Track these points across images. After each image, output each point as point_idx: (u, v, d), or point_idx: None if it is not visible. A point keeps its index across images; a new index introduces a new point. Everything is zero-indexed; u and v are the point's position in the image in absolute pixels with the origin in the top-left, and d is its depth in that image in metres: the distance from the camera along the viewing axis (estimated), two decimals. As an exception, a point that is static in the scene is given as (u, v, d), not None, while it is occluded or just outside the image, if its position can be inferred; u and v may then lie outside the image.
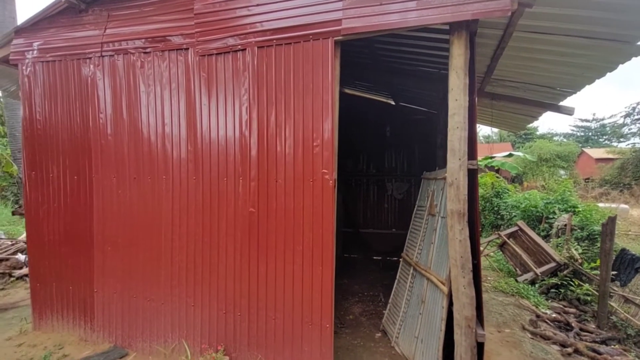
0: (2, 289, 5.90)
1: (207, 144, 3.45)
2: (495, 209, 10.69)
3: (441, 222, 3.39)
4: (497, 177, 11.53)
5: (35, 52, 3.94)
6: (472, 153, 2.88)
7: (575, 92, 4.61)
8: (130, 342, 3.66)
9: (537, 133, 46.98)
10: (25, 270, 6.60)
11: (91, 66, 3.73)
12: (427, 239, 3.70)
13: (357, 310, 5.04)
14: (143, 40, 3.54)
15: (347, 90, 8.17)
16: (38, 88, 3.95)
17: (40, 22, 3.92)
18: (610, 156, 32.82)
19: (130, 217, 3.67)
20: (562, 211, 7.80)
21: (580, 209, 7.37)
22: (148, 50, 3.53)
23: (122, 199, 3.70)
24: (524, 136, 45.57)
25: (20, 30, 4.00)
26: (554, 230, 7.43)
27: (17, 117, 7.60)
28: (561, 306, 5.68)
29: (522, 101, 5.08)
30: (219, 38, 3.30)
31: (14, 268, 6.69)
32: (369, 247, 7.96)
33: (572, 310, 5.50)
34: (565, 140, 45.16)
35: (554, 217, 7.80)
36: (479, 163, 11.88)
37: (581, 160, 36.78)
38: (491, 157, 11.54)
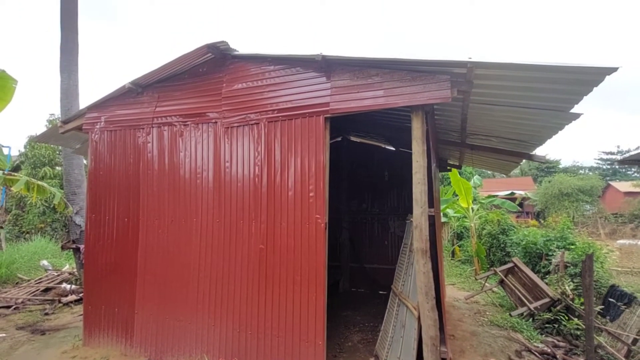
0: (53, 313, 6.87)
1: (228, 193, 4.41)
2: (502, 245, 10.99)
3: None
4: (503, 213, 11.90)
5: (102, 123, 5.18)
6: (431, 203, 3.67)
7: (540, 144, 5.35)
8: (161, 356, 4.44)
9: (560, 166, 46.21)
10: (70, 298, 7.60)
11: (144, 134, 4.89)
12: (407, 272, 4.39)
13: (357, 339, 5.60)
14: (184, 115, 4.69)
15: (352, 138, 9.23)
16: (103, 150, 5.14)
17: (107, 101, 5.19)
18: (638, 190, 31.76)
19: (167, 252, 4.61)
20: (561, 248, 8.14)
21: (574, 247, 7.71)
22: (187, 122, 4.66)
23: (162, 237, 4.66)
24: (545, 169, 44.96)
25: (93, 107, 5.28)
26: (551, 267, 7.77)
27: (73, 166, 9.02)
28: (554, 340, 5.97)
29: (497, 151, 5.85)
30: (240, 114, 4.38)
31: (62, 295, 7.71)
32: (374, 281, 8.49)
33: (563, 344, 5.79)
34: (590, 173, 44.07)
35: (553, 255, 8.14)
36: (481, 201, 12.33)
37: (608, 194, 35.67)
38: (494, 196, 12.00)
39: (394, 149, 8.83)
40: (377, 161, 8.98)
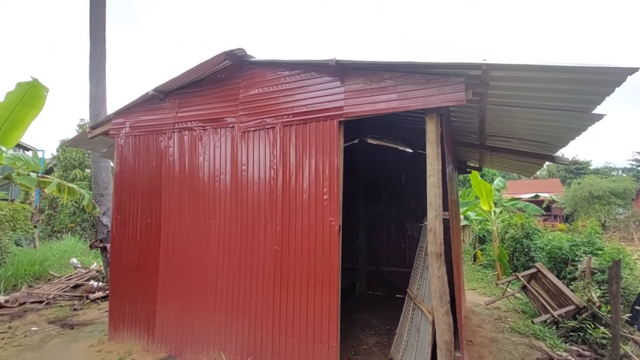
0: (81, 308, 7.23)
1: (245, 195, 4.53)
2: (526, 250, 10.63)
3: (431, 261, 4.06)
4: (527, 217, 11.51)
5: (127, 128, 5.44)
6: (446, 206, 3.63)
7: (563, 146, 5.17)
8: (181, 352, 4.60)
9: (591, 167, 44.05)
10: (97, 294, 7.98)
11: (165, 139, 5.10)
12: (423, 276, 4.35)
13: (372, 342, 5.58)
14: (203, 120, 4.85)
15: (369, 141, 9.21)
16: (128, 154, 5.39)
17: (132, 108, 5.44)
18: (675, 193, 29.77)
19: (187, 252, 4.78)
20: (588, 254, 7.80)
21: (602, 252, 7.37)
22: (206, 127, 4.83)
23: (182, 237, 4.84)
24: (575, 171, 43.03)
25: (118, 113, 5.55)
26: (577, 273, 7.46)
27: (100, 169, 9.47)
28: (579, 349, 5.73)
29: (517, 153, 5.70)
30: (256, 119, 4.50)
31: (89, 292, 8.11)
32: (392, 285, 8.43)
33: (588, 353, 5.55)
34: (624, 175, 41.78)
35: (579, 260, 7.81)
36: (504, 204, 11.99)
37: (644, 197, 33.63)
38: (517, 199, 11.62)
39: (411, 150, 8.75)
40: (394, 163, 8.91)
